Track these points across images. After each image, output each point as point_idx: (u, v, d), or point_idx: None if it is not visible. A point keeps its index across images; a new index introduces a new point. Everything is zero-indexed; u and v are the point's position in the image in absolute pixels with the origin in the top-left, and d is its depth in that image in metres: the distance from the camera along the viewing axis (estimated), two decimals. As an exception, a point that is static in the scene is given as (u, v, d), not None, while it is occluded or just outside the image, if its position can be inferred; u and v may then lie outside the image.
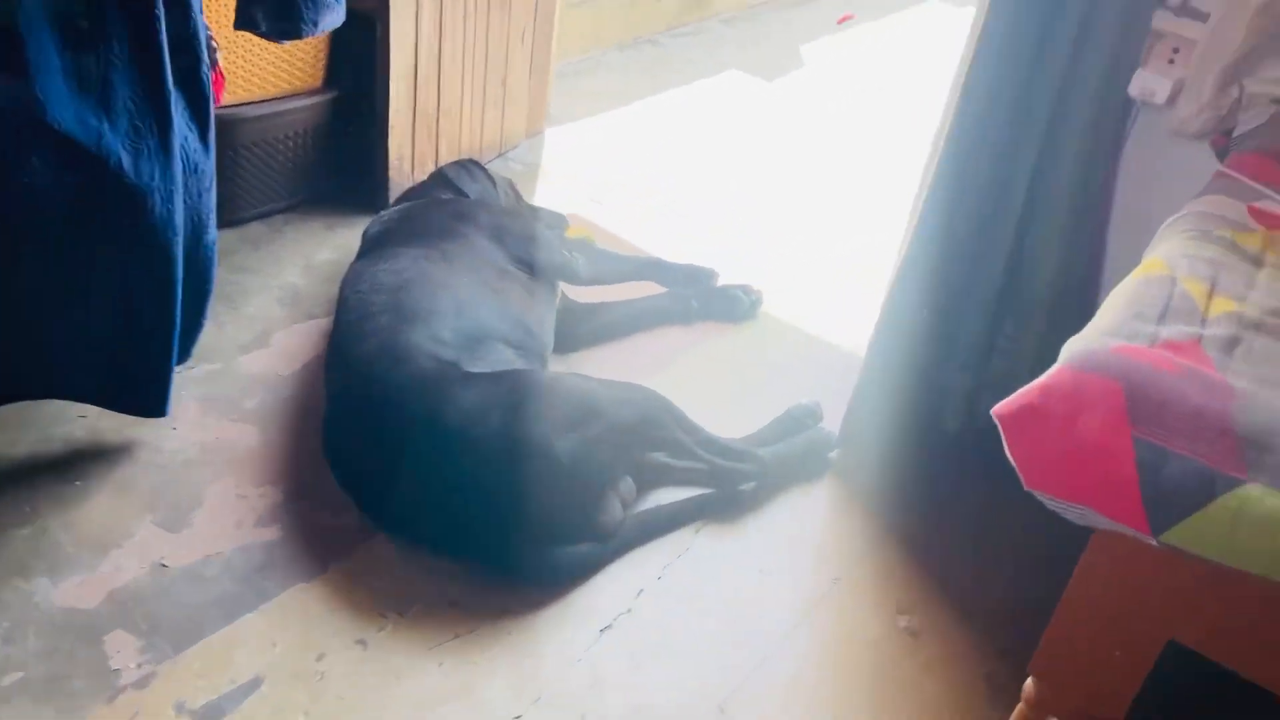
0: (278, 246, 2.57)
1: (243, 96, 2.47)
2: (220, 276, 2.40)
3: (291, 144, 2.62)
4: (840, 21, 4.94)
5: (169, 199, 1.65)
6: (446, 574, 1.81)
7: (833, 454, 2.22)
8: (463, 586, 1.79)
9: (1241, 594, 0.99)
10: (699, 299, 2.62)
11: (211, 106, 1.76)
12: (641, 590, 1.86)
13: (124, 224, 1.62)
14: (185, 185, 1.73)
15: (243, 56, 2.42)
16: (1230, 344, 1.08)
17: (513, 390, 1.83)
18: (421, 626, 1.73)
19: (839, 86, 4.19)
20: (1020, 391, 1.07)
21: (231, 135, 2.48)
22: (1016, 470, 1.06)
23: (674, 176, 3.27)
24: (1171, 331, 1.09)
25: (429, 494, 1.79)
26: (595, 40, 4.05)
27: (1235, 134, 1.93)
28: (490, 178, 2.64)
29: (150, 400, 1.84)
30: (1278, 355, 1.08)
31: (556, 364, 2.35)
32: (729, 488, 2.06)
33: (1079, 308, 1.98)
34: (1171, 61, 1.96)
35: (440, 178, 2.55)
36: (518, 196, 2.73)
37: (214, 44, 1.89)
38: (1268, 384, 1.03)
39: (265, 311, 2.35)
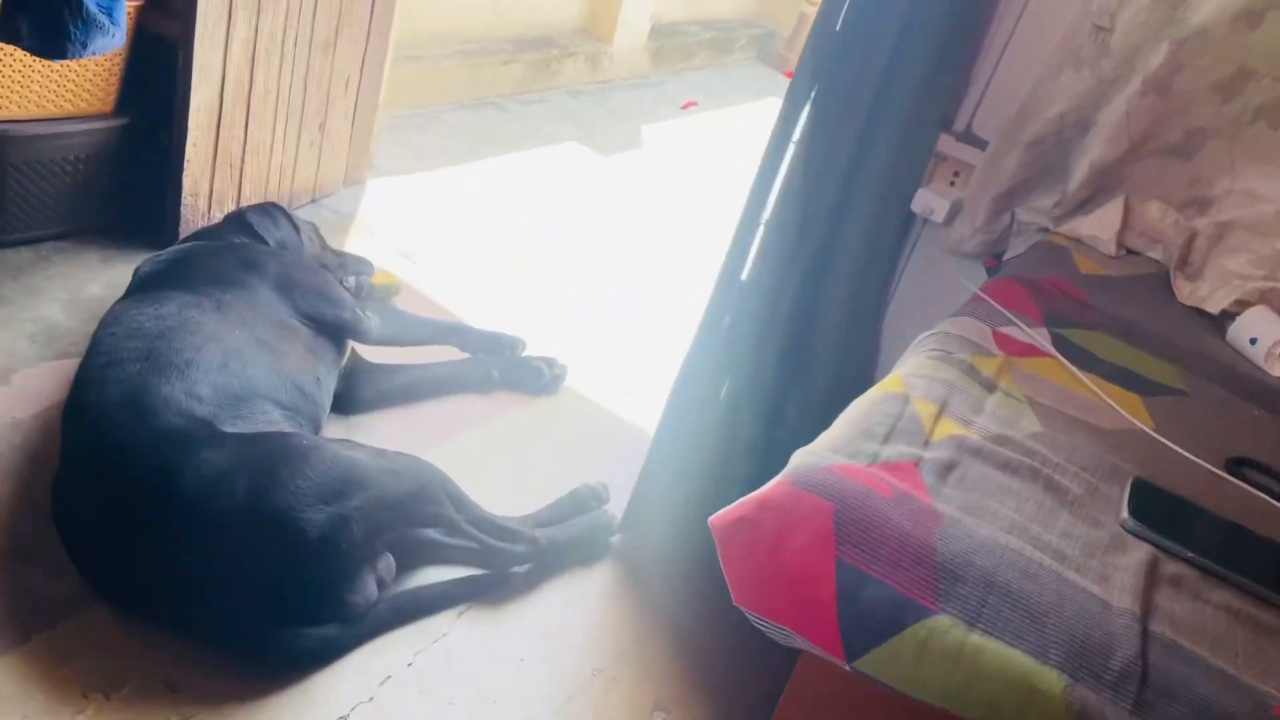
0: (40, 277, 2.37)
1: (17, 113, 2.29)
2: (-33, 303, 2.20)
3: (71, 169, 2.44)
4: (684, 107, 5.07)
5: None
6: (168, 652, 1.65)
7: (614, 538, 2.18)
8: (184, 667, 1.64)
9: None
10: (500, 368, 2.55)
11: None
12: (388, 677, 1.74)
13: None
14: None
15: (20, 70, 2.24)
16: (947, 468, 1.09)
17: (266, 455, 1.71)
18: (130, 711, 1.56)
19: (675, 169, 4.27)
20: (740, 501, 1.05)
21: (1, 151, 2.28)
22: (727, 583, 1.04)
23: (496, 241, 3.22)
24: (892, 452, 1.09)
25: (157, 562, 1.64)
26: (435, 95, 4.00)
27: (1005, 257, 2.03)
28: (294, 224, 2.51)
29: None
30: (990, 482, 1.10)
31: (336, 426, 2.23)
32: (500, 570, 1.98)
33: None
34: (952, 183, 2.06)
35: (238, 220, 2.41)
36: (322, 243, 2.62)
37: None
38: (972, 512, 1.04)
39: (11, 346, 2.15)
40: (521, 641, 1.89)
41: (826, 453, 1.08)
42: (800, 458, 1.08)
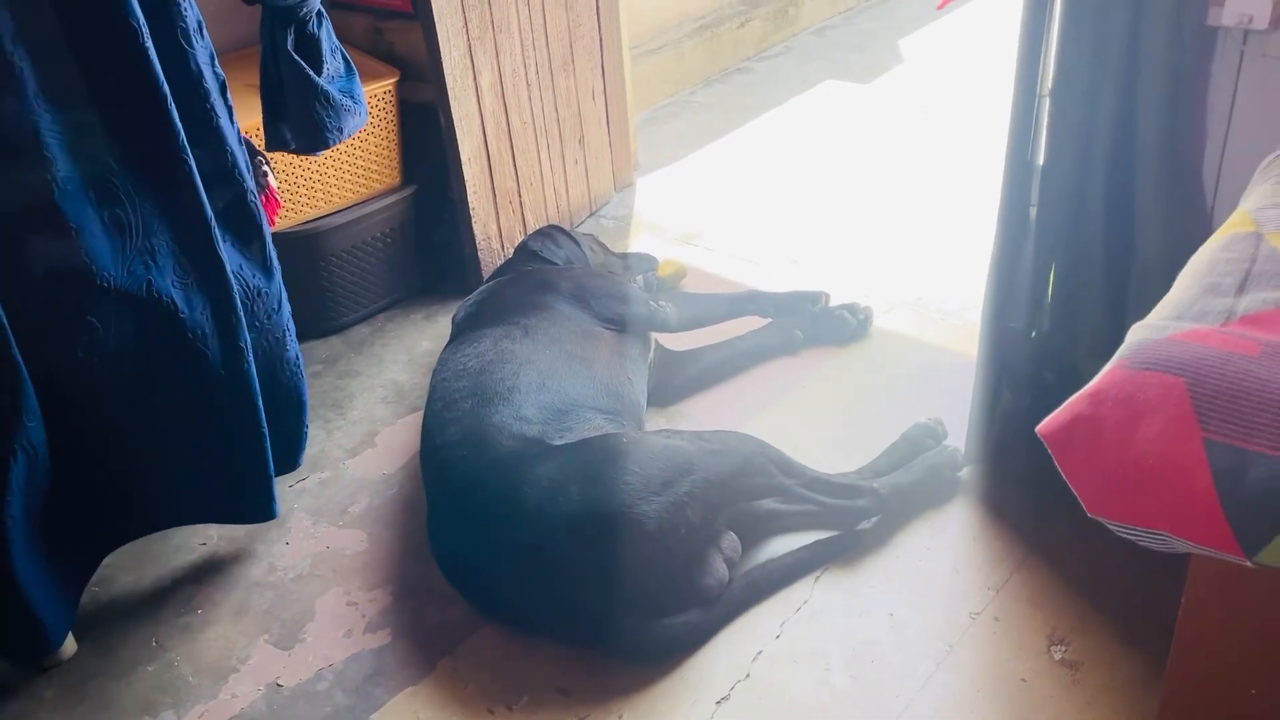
0: (379, 345, 2.63)
1: (325, 208, 2.56)
2: (329, 384, 2.49)
3: (381, 244, 2.69)
4: (940, 7, 4.69)
5: (228, 326, 1.70)
6: (553, 659, 1.75)
7: (962, 473, 2.03)
8: (570, 671, 1.73)
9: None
10: (802, 327, 2.48)
11: (265, 231, 1.81)
12: (759, 653, 1.73)
13: (190, 357, 1.67)
14: (251, 310, 1.78)
15: (317, 172, 2.51)
16: (1331, 304, 0.88)
17: (592, 459, 1.77)
18: (531, 719, 1.67)
19: (943, 76, 3.97)
20: (1070, 400, 0.91)
21: (321, 247, 2.56)
22: (1076, 495, 0.90)
23: (772, 202, 3.16)
24: (1252, 302, 0.90)
25: (521, 578, 1.75)
26: (681, 80, 4.00)
27: (1365, 41, 1.66)
28: (574, 239, 2.61)
29: (257, 509, 1.90)
30: (1396, 308, 0.87)
31: (656, 417, 2.27)
32: (847, 528, 1.91)
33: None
34: (1270, -24, 1.71)
35: (524, 251, 2.54)
36: (604, 249, 2.69)
37: (266, 168, 1.96)
38: (1378, 348, 0.83)
39: (370, 412, 2.40)
40: (887, 595, 1.81)
41: (1167, 321, 0.91)
42: (1136, 333, 0.92)
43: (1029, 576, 1.82)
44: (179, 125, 1.61)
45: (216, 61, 1.71)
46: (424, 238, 2.80)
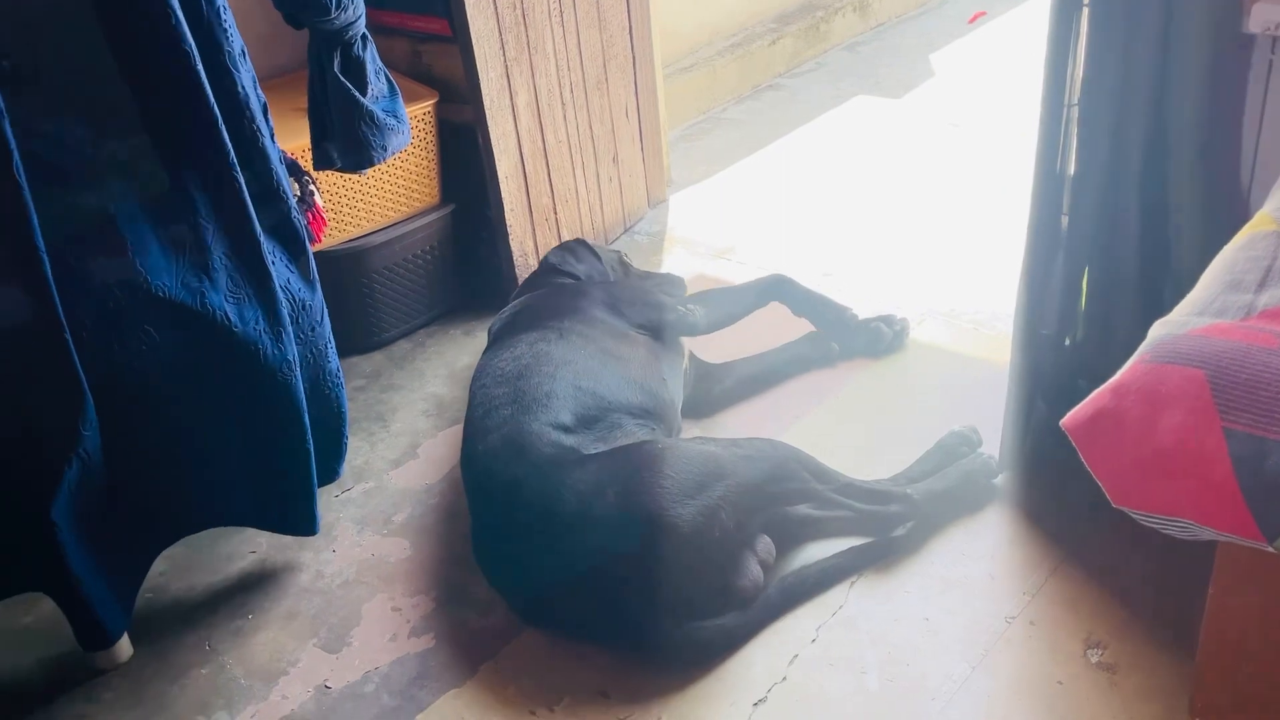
0: (420, 360, 2.69)
1: (367, 227, 2.63)
2: (372, 397, 2.56)
3: (421, 261, 2.75)
4: (971, 20, 4.72)
5: (278, 339, 1.76)
6: (593, 662, 1.78)
7: (997, 480, 2.05)
8: (610, 673, 1.76)
9: None
10: (838, 339, 2.51)
11: (308, 247, 1.87)
12: (795, 656, 1.76)
13: (240, 368, 1.74)
14: (296, 322, 1.84)
15: (360, 191, 2.58)
16: (1350, 298, 0.90)
17: (627, 465, 1.80)
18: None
19: (974, 89, 3.98)
20: (1091, 395, 0.93)
21: (364, 264, 2.63)
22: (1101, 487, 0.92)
23: (806, 216, 3.19)
24: (1272, 297, 0.92)
25: (561, 582, 1.79)
26: (712, 97, 4.05)
27: (1394, 44, 1.67)
28: (596, 254, 2.64)
29: (299, 520, 1.95)
30: None
31: (693, 428, 2.31)
32: (882, 533, 1.93)
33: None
34: (1296, -18, 1.72)
35: (547, 265, 2.59)
36: (625, 268, 2.72)
37: (312, 187, 2.03)
38: (1395, 339, 0.85)
39: (412, 425, 2.45)
40: (922, 600, 1.83)
41: (1188, 317, 0.93)
42: (1157, 329, 0.95)
43: (1064, 581, 1.83)
44: (229, 145, 1.68)
45: (258, 85, 1.78)
46: (462, 255, 2.86)
